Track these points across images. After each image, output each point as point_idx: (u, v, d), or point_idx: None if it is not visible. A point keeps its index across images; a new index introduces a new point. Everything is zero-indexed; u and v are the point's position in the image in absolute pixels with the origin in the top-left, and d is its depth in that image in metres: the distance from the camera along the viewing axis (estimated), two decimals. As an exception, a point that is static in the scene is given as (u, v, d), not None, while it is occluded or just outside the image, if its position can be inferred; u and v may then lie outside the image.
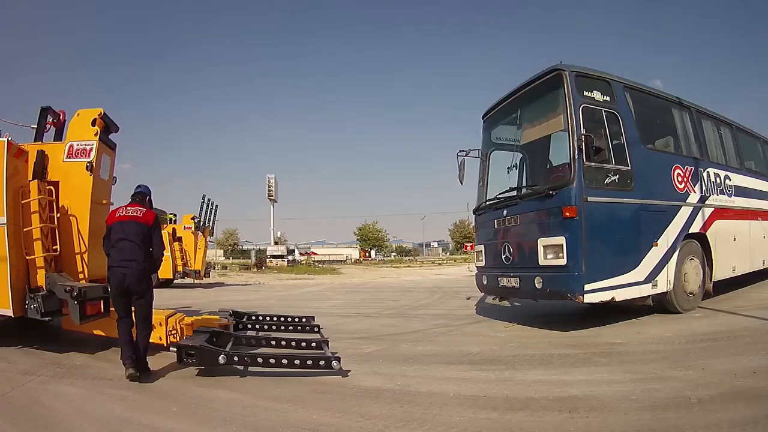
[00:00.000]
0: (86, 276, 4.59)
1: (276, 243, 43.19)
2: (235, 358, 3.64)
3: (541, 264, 4.67)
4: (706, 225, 5.71)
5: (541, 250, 4.67)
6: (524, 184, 5.72)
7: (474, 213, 6.30)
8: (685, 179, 5.47)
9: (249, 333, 4.96)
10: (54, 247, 4.37)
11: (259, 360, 3.63)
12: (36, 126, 5.08)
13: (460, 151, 6.17)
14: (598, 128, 4.69)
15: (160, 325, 4.28)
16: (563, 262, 4.47)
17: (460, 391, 3.09)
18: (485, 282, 5.85)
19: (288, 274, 27.00)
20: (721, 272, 5.95)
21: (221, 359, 3.58)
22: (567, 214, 4.45)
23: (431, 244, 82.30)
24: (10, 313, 4.12)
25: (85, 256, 4.60)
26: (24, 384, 3.50)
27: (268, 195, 42.79)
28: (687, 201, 5.46)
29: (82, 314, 4.05)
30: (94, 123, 4.60)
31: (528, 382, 3.22)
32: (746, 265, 6.69)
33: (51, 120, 5.18)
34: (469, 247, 30.90)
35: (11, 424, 2.71)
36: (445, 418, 2.60)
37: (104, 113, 4.65)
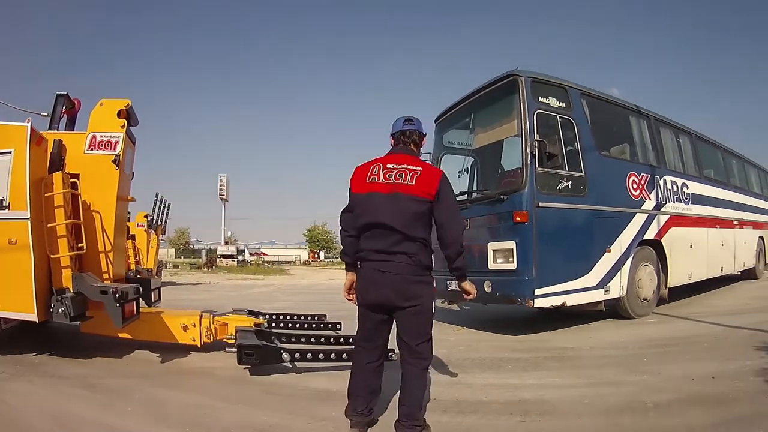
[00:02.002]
0: (110, 276, 4.25)
1: (226, 243, 42.60)
2: (297, 355, 3.56)
3: (490, 268, 4.66)
4: (662, 232, 5.78)
5: (490, 254, 4.67)
6: (475, 188, 5.72)
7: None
8: (640, 186, 5.54)
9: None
10: (80, 245, 4.00)
11: (321, 356, 3.61)
12: (49, 114, 4.69)
13: None
14: (553, 134, 4.71)
15: (194, 325, 4.14)
16: (513, 266, 4.47)
17: (409, 393, 3.06)
18: (434, 285, 5.78)
19: (238, 274, 26.60)
20: (676, 279, 6.02)
21: (285, 356, 3.50)
22: (518, 219, 4.46)
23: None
24: (34, 317, 3.74)
25: (111, 254, 4.27)
26: (-17, 382, 3.40)
27: (220, 194, 42.04)
28: (642, 208, 5.52)
29: (123, 317, 3.78)
30: (119, 114, 4.29)
31: (478, 385, 3.19)
32: (703, 272, 6.81)
33: (65, 108, 4.81)
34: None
35: (-28, 422, 2.64)
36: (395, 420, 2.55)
37: (130, 105, 4.38)
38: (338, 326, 5.05)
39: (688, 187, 6.47)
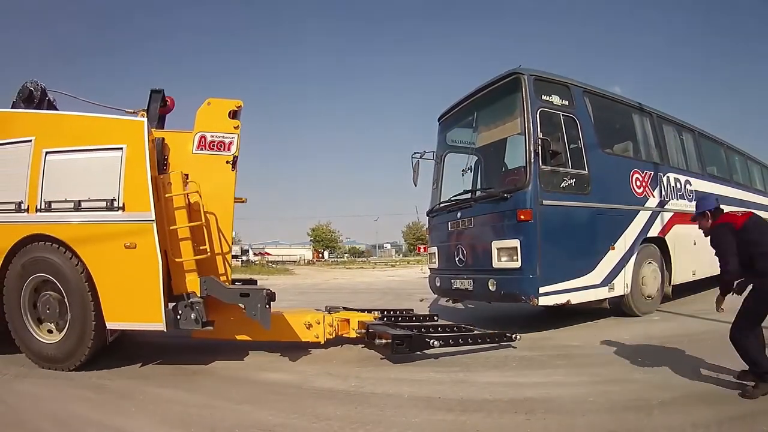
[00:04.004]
0: (227, 278, 4.10)
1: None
2: (441, 342, 3.88)
3: (494, 266, 4.67)
4: (665, 229, 5.77)
5: (495, 252, 4.67)
6: (479, 186, 5.71)
7: (427, 215, 6.26)
8: (643, 184, 5.53)
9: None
10: (202, 247, 3.78)
11: (461, 341, 4.04)
12: (144, 110, 4.42)
13: (415, 152, 6.17)
14: (556, 132, 4.71)
15: (318, 323, 4.24)
16: (517, 264, 4.47)
17: (414, 392, 3.08)
18: (438, 284, 5.83)
19: (242, 274, 26.42)
20: (680, 276, 6.01)
21: (435, 343, 3.83)
22: (522, 217, 4.46)
23: (384, 245, 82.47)
24: (162, 327, 3.52)
25: (228, 257, 4.10)
26: (-10, 384, 3.42)
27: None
28: (645, 205, 5.52)
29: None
30: (230, 115, 4.10)
31: (483, 383, 3.21)
32: (707, 269, 6.72)
33: (159, 105, 4.61)
34: (422, 249, 31.04)
35: (-22, 424, 2.66)
36: (401, 419, 2.59)
37: (242, 106, 4.19)
38: (435, 317, 5.26)
39: (691, 184, 6.44)
